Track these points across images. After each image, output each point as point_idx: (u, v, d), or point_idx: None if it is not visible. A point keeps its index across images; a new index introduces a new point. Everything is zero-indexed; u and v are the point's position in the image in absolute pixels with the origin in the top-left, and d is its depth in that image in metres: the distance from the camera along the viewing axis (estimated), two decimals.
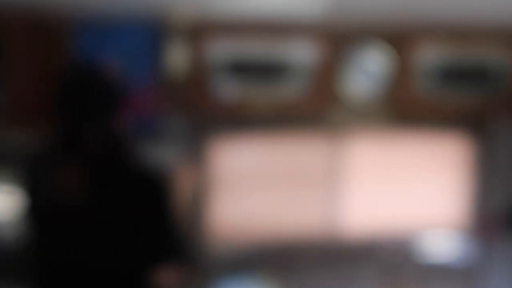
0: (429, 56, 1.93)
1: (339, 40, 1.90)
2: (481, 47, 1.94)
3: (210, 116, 2.22)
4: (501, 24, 1.83)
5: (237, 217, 2.49)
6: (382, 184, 2.51)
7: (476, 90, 1.98)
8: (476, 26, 1.87)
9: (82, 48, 1.75)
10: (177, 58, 1.70)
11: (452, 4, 1.49)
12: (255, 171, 2.53)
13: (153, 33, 1.76)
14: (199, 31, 1.83)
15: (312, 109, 1.98)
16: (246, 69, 1.91)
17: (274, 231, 2.58)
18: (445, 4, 1.49)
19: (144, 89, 1.79)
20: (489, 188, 2.54)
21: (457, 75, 1.98)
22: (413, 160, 2.53)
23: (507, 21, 1.75)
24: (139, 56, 1.77)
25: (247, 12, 1.62)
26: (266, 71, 1.94)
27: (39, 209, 1.14)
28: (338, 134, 2.45)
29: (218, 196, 2.50)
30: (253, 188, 2.52)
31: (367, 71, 1.91)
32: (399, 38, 1.91)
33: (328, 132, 2.37)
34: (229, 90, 1.91)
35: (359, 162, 2.46)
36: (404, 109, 1.98)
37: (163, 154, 2.41)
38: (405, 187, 2.53)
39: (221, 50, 1.86)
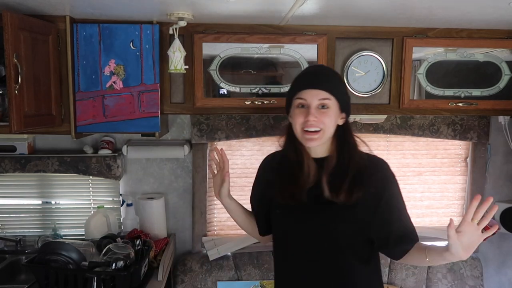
0: (430, 56, 1.93)
1: (338, 40, 1.90)
2: (481, 47, 1.94)
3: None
4: (501, 24, 1.83)
5: None
6: None
7: (477, 90, 1.97)
8: (476, 26, 1.87)
9: (81, 48, 1.76)
10: (176, 58, 1.70)
11: (452, 4, 1.49)
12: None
13: (152, 33, 1.76)
14: (197, 31, 1.83)
15: None
16: (246, 69, 1.90)
17: None
18: (445, 4, 1.49)
19: (144, 89, 1.79)
20: (488, 188, 2.54)
21: (457, 76, 1.98)
22: (414, 159, 2.53)
23: (506, 21, 1.75)
24: (138, 56, 1.77)
25: (245, 12, 1.62)
26: (266, 70, 1.94)
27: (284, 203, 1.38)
28: None
29: None
30: None
31: (367, 72, 1.91)
32: (399, 37, 1.91)
33: None
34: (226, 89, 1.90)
35: None
36: (404, 109, 1.97)
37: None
38: (405, 186, 2.53)
39: (220, 50, 1.86)
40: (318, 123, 1.31)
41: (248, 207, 1.64)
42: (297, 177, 1.37)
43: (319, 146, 1.37)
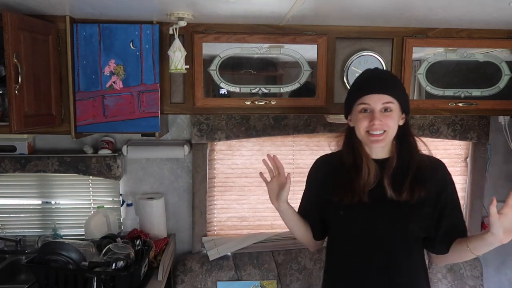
0: (430, 56, 1.93)
1: (338, 40, 1.90)
2: (481, 47, 1.94)
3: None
4: (501, 24, 1.83)
5: None
6: None
7: (477, 90, 1.97)
8: (476, 26, 1.87)
9: (81, 48, 1.76)
10: (176, 57, 1.70)
11: (452, 4, 1.49)
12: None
13: (152, 33, 1.76)
14: (197, 31, 1.83)
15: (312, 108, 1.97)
16: (246, 69, 1.91)
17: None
18: (445, 4, 1.49)
19: (144, 89, 1.79)
20: (488, 188, 2.54)
21: (457, 76, 1.98)
22: None
23: (506, 21, 1.75)
24: (138, 56, 1.77)
25: (245, 12, 1.62)
26: (266, 70, 1.94)
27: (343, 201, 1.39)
28: (338, 134, 2.45)
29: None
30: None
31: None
32: (399, 37, 1.91)
33: (327, 132, 2.37)
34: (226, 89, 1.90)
35: None
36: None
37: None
38: None
39: (220, 50, 1.85)
40: (383, 125, 1.35)
41: (247, 207, 1.64)
42: (355, 180, 1.39)
43: (381, 147, 1.41)
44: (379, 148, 1.41)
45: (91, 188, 2.40)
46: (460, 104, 1.96)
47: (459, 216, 1.45)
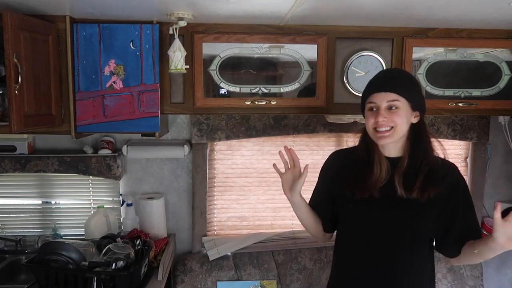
0: (430, 56, 1.93)
1: (338, 40, 1.90)
2: (481, 47, 1.94)
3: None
4: (501, 24, 1.83)
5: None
6: None
7: (477, 90, 1.97)
8: (476, 26, 1.87)
9: (81, 48, 1.76)
10: (176, 57, 1.70)
11: (452, 4, 1.49)
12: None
13: (152, 33, 1.76)
14: (197, 31, 1.83)
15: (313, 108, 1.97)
16: (246, 69, 1.91)
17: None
18: (445, 4, 1.49)
19: (144, 89, 1.79)
20: (488, 188, 2.54)
21: (457, 76, 1.98)
22: None
23: (506, 21, 1.75)
24: (138, 56, 1.77)
25: (245, 12, 1.62)
26: (266, 70, 1.94)
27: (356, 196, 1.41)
28: (338, 134, 2.45)
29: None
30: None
31: (367, 72, 1.90)
32: (399, 37, 1.91)
33: (327, 132, 2.37)
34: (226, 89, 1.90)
35: None
36: None
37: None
38: None
39: (220, 50, 1.85)
40: (389, 122, 1.38)
41: (247, 207, 1.63)
42: (367, 175, 1.42)
43: (393, 144, 1.43)
44: (391, 146, 1.44)
45: (91, 188, 2.40)
46: (460, 104, 1.96)
47: (473, 220, 1.46)
